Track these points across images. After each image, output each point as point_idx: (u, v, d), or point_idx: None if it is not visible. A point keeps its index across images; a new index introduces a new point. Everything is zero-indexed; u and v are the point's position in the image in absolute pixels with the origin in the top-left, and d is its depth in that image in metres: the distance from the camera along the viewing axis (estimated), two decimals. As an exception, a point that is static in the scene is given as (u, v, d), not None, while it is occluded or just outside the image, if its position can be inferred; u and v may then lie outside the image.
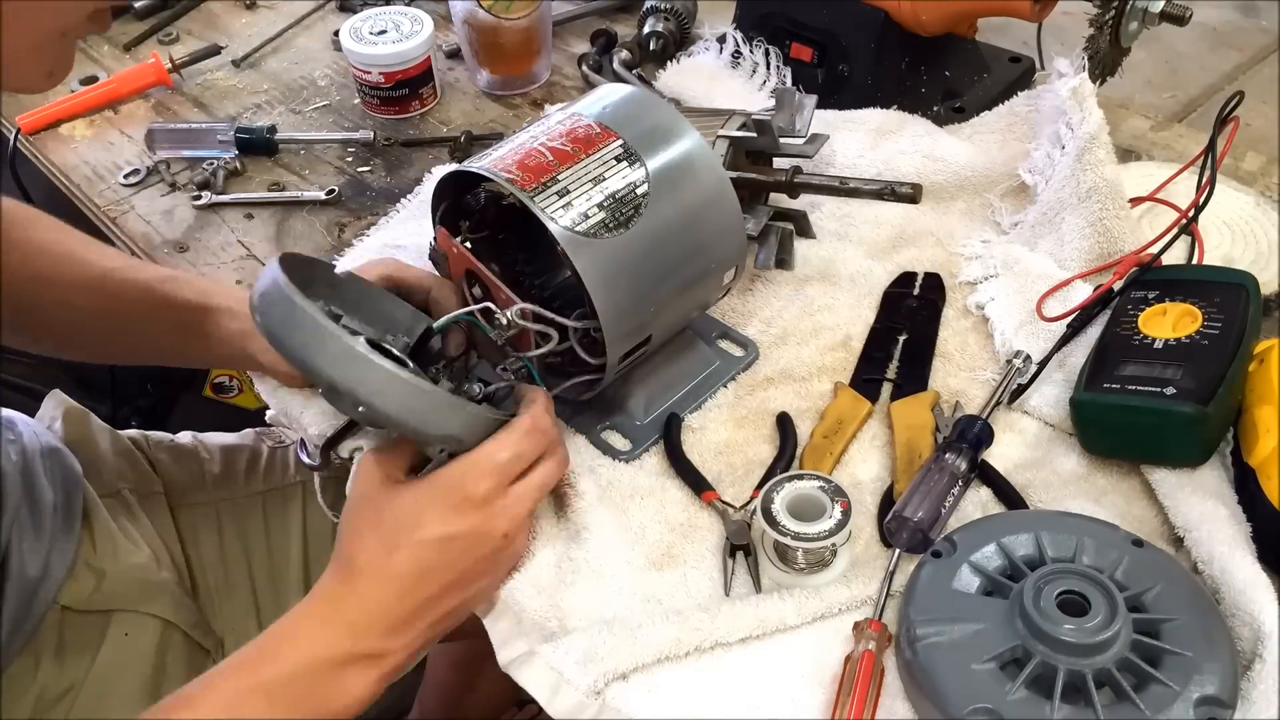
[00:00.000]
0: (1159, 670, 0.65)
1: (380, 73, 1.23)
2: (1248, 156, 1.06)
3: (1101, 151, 0.93)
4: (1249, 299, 0.82)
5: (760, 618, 0.73)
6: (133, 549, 0.95)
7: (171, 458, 1.07)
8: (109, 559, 0.93)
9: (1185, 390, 0.76)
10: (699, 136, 0.83)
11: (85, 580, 0.91)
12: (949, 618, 0.69)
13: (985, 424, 0.82)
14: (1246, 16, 2.26)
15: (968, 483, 0.80)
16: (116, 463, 1.02)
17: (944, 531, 0.76)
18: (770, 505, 0.75)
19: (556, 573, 0.78)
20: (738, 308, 0.97)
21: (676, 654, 0.72)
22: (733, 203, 0.83)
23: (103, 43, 1.42)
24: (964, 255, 0.99)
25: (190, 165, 1.21)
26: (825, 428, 0.85)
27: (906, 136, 1.07)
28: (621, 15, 1.39)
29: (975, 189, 1.05)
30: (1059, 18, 1.06)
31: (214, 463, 1.07)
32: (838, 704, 0.68)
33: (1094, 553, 0.72)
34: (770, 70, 1.17)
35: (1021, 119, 1.07)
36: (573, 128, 0.81)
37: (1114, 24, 1.00)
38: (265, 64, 1.37)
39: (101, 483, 0.99)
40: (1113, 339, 0.83)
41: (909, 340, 0.92)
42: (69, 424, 1.02)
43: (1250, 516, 0.74)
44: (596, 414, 0.88)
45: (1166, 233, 0.91)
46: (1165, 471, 0.78)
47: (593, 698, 0.71)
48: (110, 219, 1.17)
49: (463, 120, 1.26)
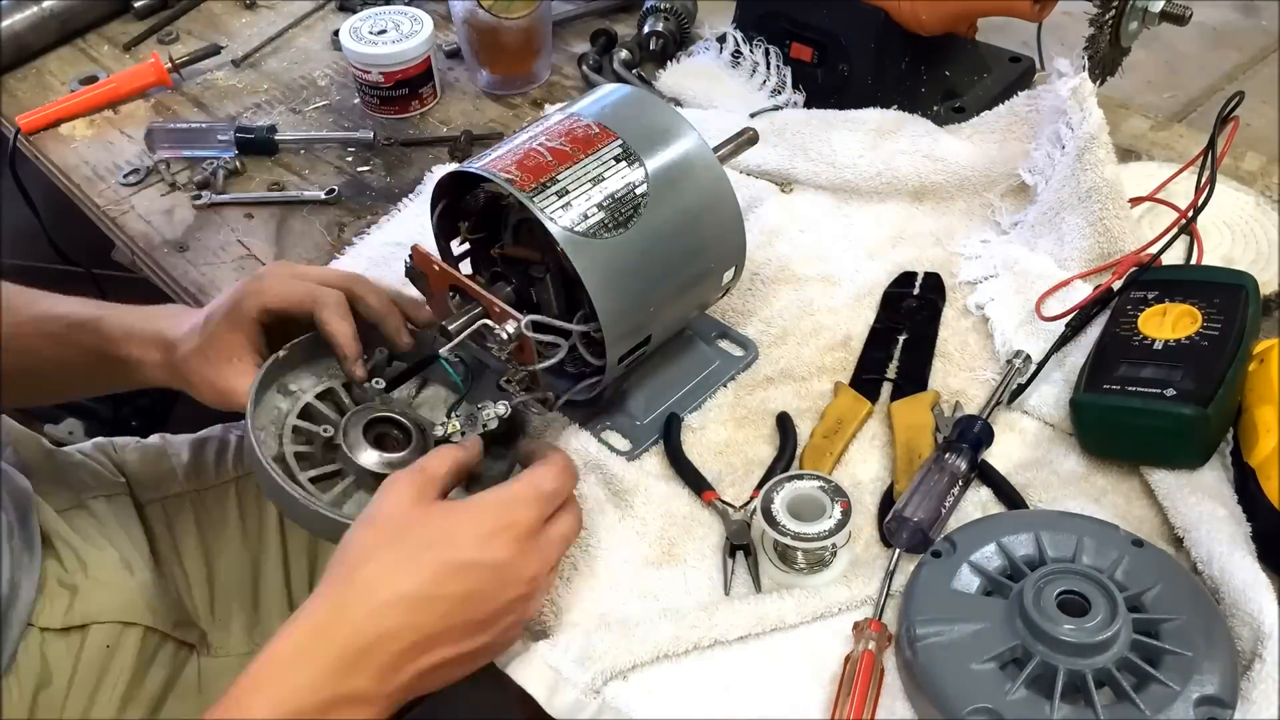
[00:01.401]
0: (1159, 670, 0.65)
1: (380, 72, 1.23)
2: (1248, 156, 1.06)
3: (1101, 151, 0.93)
4: (1248, 299, 0.82)
5: (759, 616, 0.73)
6: (103, 560, 0.93)
7: (139, 457, 1.06)
8: (78, 574, 0.91)
9: (1185, 392, 0.76)
10: (698, 137, 0.83)
11: (59, 599, 0.89)
12: (949, 618, 0.69)
13: (985, 424, 0.82)
14: (1246, 16, 2.26)
15: (968, 483, 0.80)
16: (76, 474, 1.01)
17: (944, 531, 0.76)
18: (770, 505, 0.75)
19: (555, 570, 0.78)
20: (738, 308, 0.97)
21: (675, 652, 0.72)
22: (732, 203, 0.84)
23: (103, 43, 1.42)
24: (964, 255, 0.99)
25: (190, 165, 1.21)
26: (825, 427, 0.85)
27: (906, 136, 1.07)
28: (621, 15, 1.39)
29: (975, 189, 1.05)
30: (1059, 18, 1.06)
31: (182, 455, 1.06)
32: (838, 704, 0.68)
33: (1094, 553, 0.72)
34: (770, 70, 1.17)
35: (1021, 119, 1.07)
36: (572, 128, 0.81)
37: (1114, 24, 1.00)
38: (265, 64, 1.37)
39: (61, 498, 0.97)
40: (1112, 340, 0.83)
41: (909, 340, 0.92)
42: (18, 447, 1.01)
43: (1250, 516, 0.74)
44: (596, 414, 0.88)
45: (1166, 233, 0.91)
46: (1165, 472, 0.78)
47: (591, 696, 0.71)
48: (110, 219, 1.17)
49: (463, 120, 1.26)
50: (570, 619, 0.75)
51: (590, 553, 0.79)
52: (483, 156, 0.81)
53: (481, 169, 0.78)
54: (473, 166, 0.79)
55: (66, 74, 1.37)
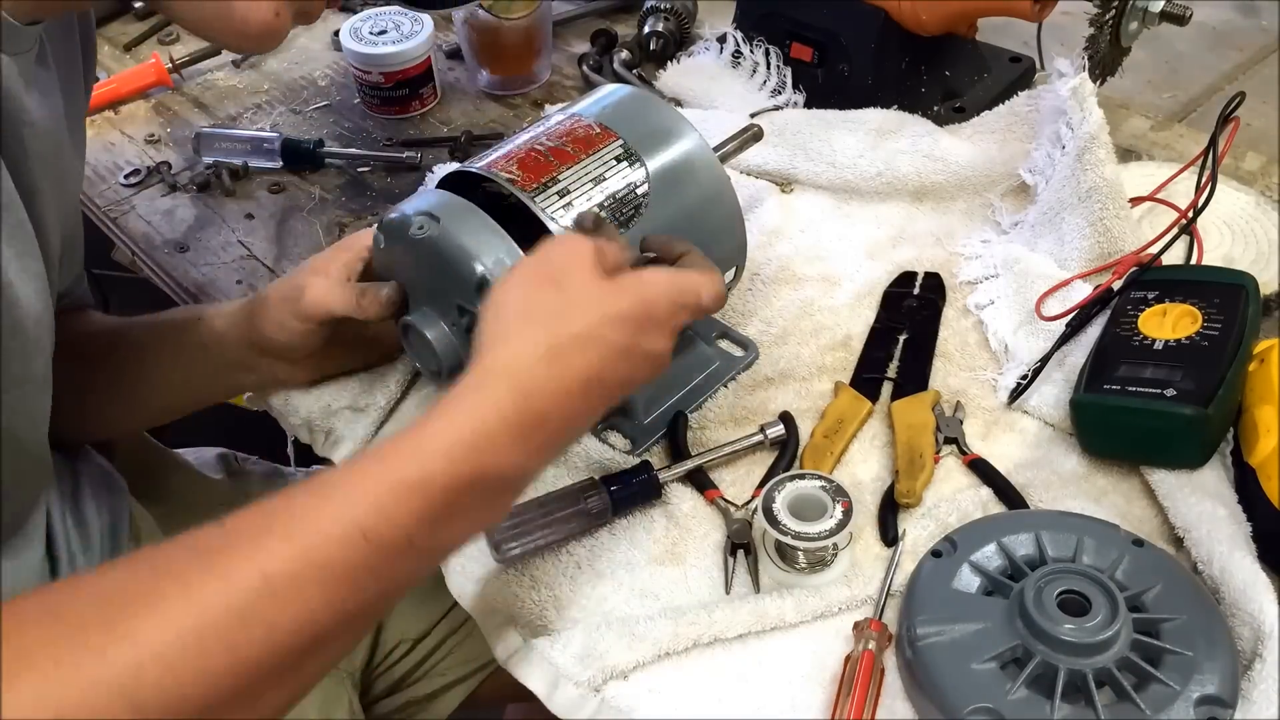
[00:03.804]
0: (1159, 670, 0.65)
1: (380, 73, 1.23)
2: (1248, 156, 1.06)
3: (1102, 151, 0.93)
4: (1248, 299, 0.82)
5: (760, 615, 0.73)
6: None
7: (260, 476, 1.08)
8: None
9: (1185, 392, 0.76)
10: (699, 137, 0.83)
11: None
12: (949, 617, 0.69)
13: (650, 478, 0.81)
14: (1246, 16, 2.26)
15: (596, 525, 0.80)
16: (185, 483, 1.02)
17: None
18: (771, 505, 0.75)
19: (555, 567, 0.78)
20: (738, 308, 0.97)
21: (675, 649, 0.72)
22: (733, 203, 0.84)
23: (103, 43, 1.42)
24: (964, 255, 1.00)
25: (190, 165, 1.21)
26: (826, 427, 0.85)
27: (906, 136, 1.07)
28: (621, 15, 1.39)
29: (975, 189, 1.05)
30: (1059, 18, 1.06)
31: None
32: (838, 703, 0.68)
33: (1094, 552, 0.72)
34: (770, 70, 1.17)
35: (1021, 119, 1.07)
36: (573, 128, 0.81)
37: (1114, 24, 1.00)
38: (265, 64, 1.37)
39: (151, 499, 0.97)
40: (1112, 340, 0.83)
41: (909, 340, 0.92)
42: (122, 449, 1.01)
43: (1250, 516, 0.74)
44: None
45: (1166, 233, 0.91)
46: (1165, 472, 0.78)
47: (592, 694, 0.71)
48: (111, 219, 1.17)
49: (463, 120, 1.26)
50: (571, 616, 0.75)
51: (593, 551, 0.79)
52: (484, 156, 0.81)
53: (483, 169, 0.78)
54: (474, 166, 0.79)
55: (67, 74, 1.37)
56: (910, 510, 0.80)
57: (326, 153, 1.21)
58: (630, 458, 0.84)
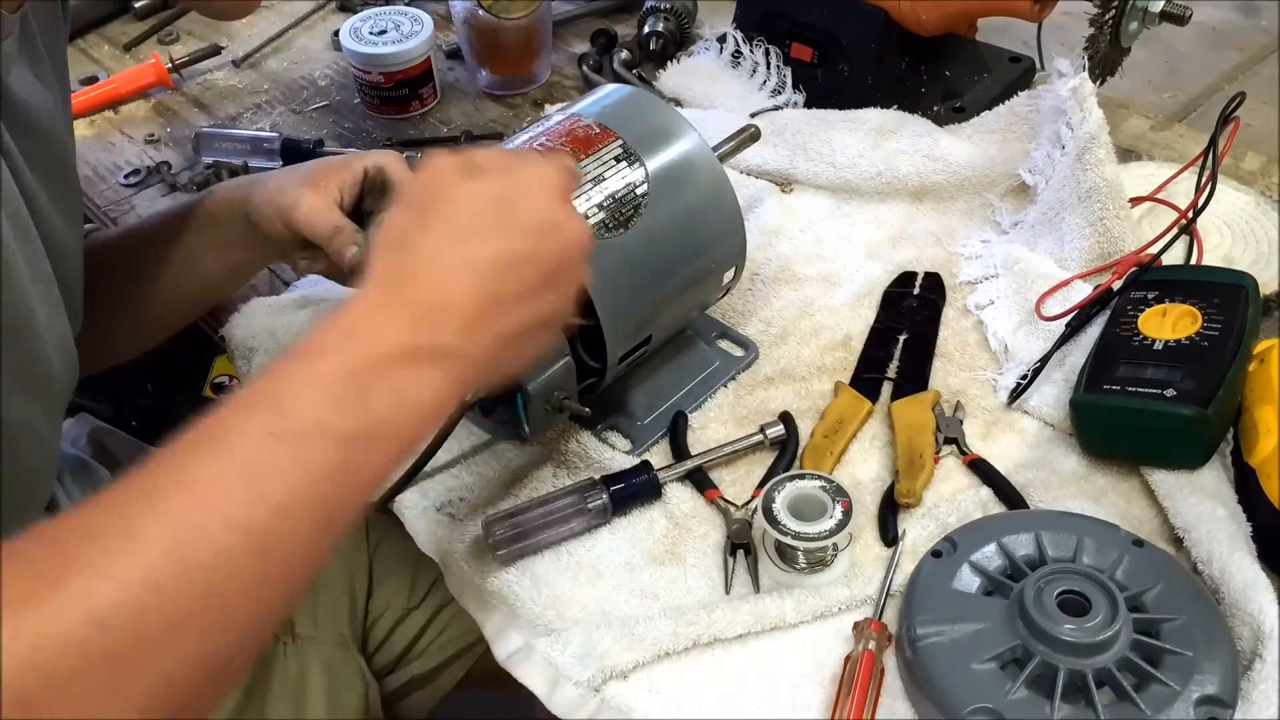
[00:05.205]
0: (1159, 670, 0.65)
1: (380, 73, 1.23)
2: (1248, 156, 1.06)
3: (1101, 151, 0.93)
4: (1248, 299, 0.82)
5: (759, 615, 0.73)
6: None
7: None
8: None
9: (1185, 393, 0.76)
10: (699, 137, 0.83)
11: None
12: (949, 617, 0.69)
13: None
14: (1246, 16, 2.26)
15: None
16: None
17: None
18: (771, 505, 0.75)
19: (555, 567, 0.78)
20: (738, 308, 0.97)
21: (675, 649, 0.72)
22: (732, 203, 0.84)
23: (103, 43, 1.42)
24: (964, 255, 1.00)
25: (190, 165, 1.21)
26: (826, 427, 0.85)
27: (906, 136, 1.07)
28: (621, 15, 1.39)
29: (975, 189, 1.05)
30: (1059, 18, 1.06)
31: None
32: (838, 704, 0.68)
33: (1094, 553, 0.72)
34: (770, 70, 1.17)
35: (1021, 119, 1.07)
36: (572, 128, 0.81)
37: (1114, 24, 1.00)
38: (265, 64, 1.37)
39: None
40: (1112, 340, 0.83)
41: (909, 340, 0.92)
42: (93, 444, 1.01)
43: (1250, 516, 0.75)
44: (597, 414, 0.87)
45: (1166, 233, 0.91)
46: (1165, 472, 0.78)
47: (591, 694, 0.71)
48: (111, 219, 1.17)
49: (463, 120, 1.26)
50: (571, 616, 0.75)
51: (592, 551, 0.79)
52: (483, 156, 0.80)
53: (482, 169, 0.78)
54: (473, 166, 0.79)
55: (67, 74, 1.37)
56: (910, 510, 0.80)
57: (326, 152, 1.20)
58: (630, 458, 0.84)
